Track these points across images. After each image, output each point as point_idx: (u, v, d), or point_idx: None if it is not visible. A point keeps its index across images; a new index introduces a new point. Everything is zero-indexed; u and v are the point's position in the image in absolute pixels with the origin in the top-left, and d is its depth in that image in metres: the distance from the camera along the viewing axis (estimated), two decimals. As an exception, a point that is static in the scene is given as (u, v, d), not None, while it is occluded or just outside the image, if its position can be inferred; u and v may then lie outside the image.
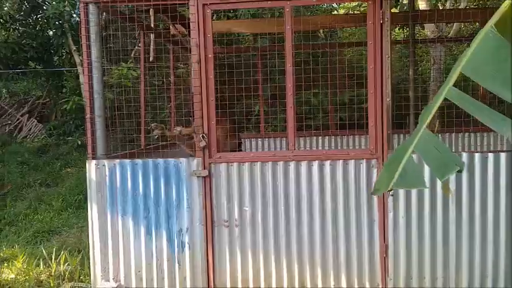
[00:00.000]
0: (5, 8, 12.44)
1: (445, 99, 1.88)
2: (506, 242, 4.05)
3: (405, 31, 11.88)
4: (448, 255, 4.12)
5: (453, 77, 1.97)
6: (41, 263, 5.28)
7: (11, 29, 12.29)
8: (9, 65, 11.94)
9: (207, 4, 4.24)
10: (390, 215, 4.17)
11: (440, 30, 9.67)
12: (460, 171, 1.70)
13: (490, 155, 4.06)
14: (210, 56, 4.27)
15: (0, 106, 14.17)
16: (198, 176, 4.31)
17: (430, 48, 10.10)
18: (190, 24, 4.27)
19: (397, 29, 13.15)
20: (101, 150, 4.47)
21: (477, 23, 10.07)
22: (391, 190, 1.85)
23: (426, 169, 3.63)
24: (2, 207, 7.98)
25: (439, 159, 1.77)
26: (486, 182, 4.06)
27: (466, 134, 7.02)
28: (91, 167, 4.44)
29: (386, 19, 4.07)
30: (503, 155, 4.05)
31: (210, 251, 4.35)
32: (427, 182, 4.04)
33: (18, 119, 13.37)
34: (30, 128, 12.92)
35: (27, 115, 13.41)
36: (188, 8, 4.28)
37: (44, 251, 5.46)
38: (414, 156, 1.87)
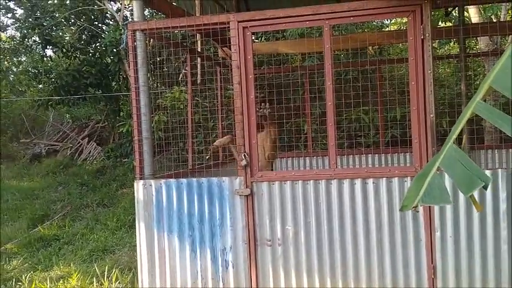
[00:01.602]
0: (67, 38, 13.20)
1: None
2: None
3: (457, 45, 11.57)
4: (500, 276, 3.92)
5: (482, 91, 1.93)
6: (94, 281, 5.47)
7: (72, 57, 13.01)
8: (70, 91, 12.59)
9: (247, 27, 4.34)
10: (437, 234, 4.04)
11: (495, 43, 9.34)
12: (485, 187, 1.66)
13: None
14: (250, 76, 4.35)
15: (63, 131, 14.95)
16: (240, 195, 4.37)
17: (485, 63, 9.75)
18: (231, 46, 4.39)
19: (452, 43, 12.82)
20: (148, 170, 4.62)
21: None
22: (416, 207, 1.82)
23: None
24: (61, 227, 8.36)
25: (464, 175, 1.73)
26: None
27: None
28: (139, 186, 4.60)
29: (427, 34, 4.00)
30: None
31: (254, 270, 4.36)
32: (477, 197, 3.90)
33: (79, 143, 14.05)
34: (90, 151, 13.53)
35: (87, 138, 14.07)
36: (229, 31, 4.40)
37: (97, 269, 5.66)
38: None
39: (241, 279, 4.39)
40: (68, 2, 13.42)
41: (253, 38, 4.81)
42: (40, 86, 15.01)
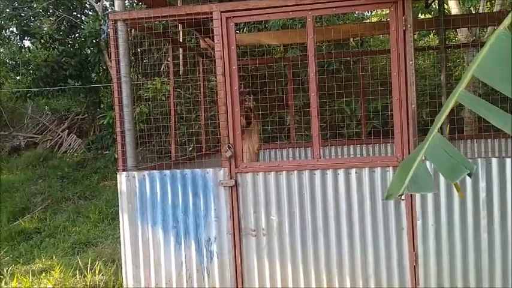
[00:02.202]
0: (45, 29, 12.97)
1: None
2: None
3: (437, 37, 11.70)
4: (481, 263, 4.01)
5: (465, 80, 1.96)
6: (77, 274, 5.44)
7: (51, 48, 12.78)
8: (49, 83, 12.38)
9: (230, 17, 4.33)
10: (419, 222, 4.10)
11: (473, 34, 9.47)
12: (470, 175, 1.69)
13: (522, 160, 3.94)
14: (234, 67, 4.34)
15: (42, 123, 14.72)
16: (224, 186, 4.37)
17: (464, 54, 9.88)
18: (214, 37, 4.37)
19: (431, 35, 12.96)
20: (131, 162, 4.60)
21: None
22: (401, 195, 1.84)
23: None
24: (42, 220, 8.27)
25: (448, 163, 1.76)
26: (518, 187, 3.94)
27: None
28: (122, 178, 4.57)
29: (409, 25, 4.04)
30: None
31: (239, 260, 4.38)
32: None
33: (58, 135, 13.86)
34: (70, 144, 13.36)
35: (67, 131, 13.88)
36: (212, 21, 4.38)
37: (80, 262, 5.62)
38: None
39: (226, 270, 4.40)
40: (46, -9, 13.17)
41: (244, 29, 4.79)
42: (18, 77, 14.73)
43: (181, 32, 6.80)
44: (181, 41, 6.88)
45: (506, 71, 1.86)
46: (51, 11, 13.13)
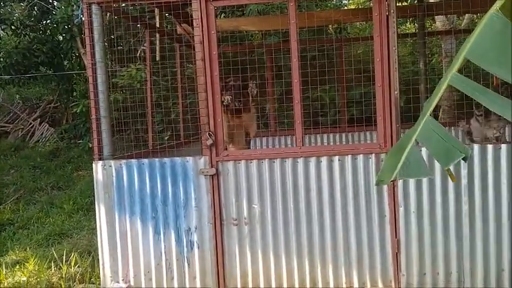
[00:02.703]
0: (16, 15, 12.53)
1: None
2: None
3: (416, 25, 11.74)
4: (462, 249, 4.03)
5: (457, 63, 1.91)
6: (53, 266, 5.29)
7: (22, 35, 12.37)
8: (20, 70, 11.99)
9: (209, 1, 4.20)
10: (401, 209, 4.09)
11: (451, 22, 9.51)
12: (465, 159, 1.64)
13: (503, 146, 3.95)
14: (214, 53, 4.23)
15: (13, 112, 14.30)
16: (205, 175, 4.27)
17: (442, 42, 9.93)
18: (194, 21, 4.24)
19: (408, 23, 12.99)
20: (107, 150, 4.45)
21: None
22: (393, 181, 1.79)
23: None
24: (15, 211, 8.02)
25: (442, 147, 1.71)
26: (500, 173, 3.95)
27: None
28: (98, 168, 4.43)
29: (392, 11, 3.99)
30: (516, 146, 3.94)
31: (220, 249, 4.31)
32: (438, 174, 3.97)
33: (30, 124, 13.47)
34: (42, 133, 12.99)
35: (38, 119, 13.50)
36: (191, 5, 4.25)
37: (55, 253, 5.46)
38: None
39: (206, 259, 4.33)
40: (16, -24, 12.71)
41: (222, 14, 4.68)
42: (-12, 65, 14.24)
43: (157, 17, 6.62)
44: (158, 26, 6.71)
45: (498, 53, 1.81)
46: (22, -4, 12.69)
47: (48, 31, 12.56)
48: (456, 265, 4.04)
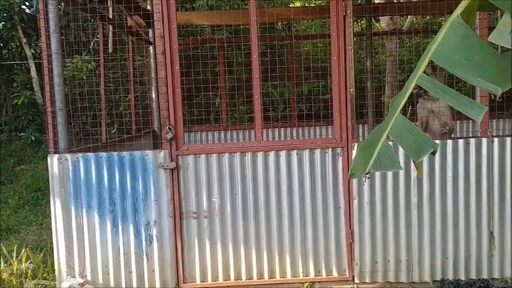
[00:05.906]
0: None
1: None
2: (466, 225, 4.24)
3: (360, 24, 12.15)
4: (411, 238, 4.28)
5: (422, 64, 2.06)
6: (2, 261, 5.10)
7: (-42, 22, 11.71)
8: (-44, 59, 11.39)
9: (171, -6, 4.20)
10: (355, 201, 4.28)
11: (394, 23, 9.93)
12: (433, 153, 1.79)
13: (449, 142, 4.23)
14: (175, 47, 4.24)
15: None
16: (165, 169, 4.28)
17: (385, 41, 10.34)
18: (154, 15, 4.22)
19: (354, 22, 13.38)
20: (63, 144, 4.36)
21: (429, 16, 10.43)
22: (367, 173, 1.92)
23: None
24: (-46, 207, 7.64)
25: (413, 143, 1.85)
26: (445, 167, 4.23)
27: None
28: (53, 161, 4.33)
29: (349, 11, 4.16)
30: (461, 142, 4.23)
31: (179, 243, 4.33)
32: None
33: (-34, 115, 12.79)
34: (-20, 124, 12.39)
35: (-24, 111, 12.85)
36: (151, -1, 4.23)
37: (4, 249, 5.27)
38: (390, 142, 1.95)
39: (165, 253, 4.34)
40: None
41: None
42: None
43: (110, 9, 6.49)
44: (110, 17, 6.58)
45: (461, 56, 1.97)
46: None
47: (-13, 19, 11.95)
48: (405, 253, 4.29)
